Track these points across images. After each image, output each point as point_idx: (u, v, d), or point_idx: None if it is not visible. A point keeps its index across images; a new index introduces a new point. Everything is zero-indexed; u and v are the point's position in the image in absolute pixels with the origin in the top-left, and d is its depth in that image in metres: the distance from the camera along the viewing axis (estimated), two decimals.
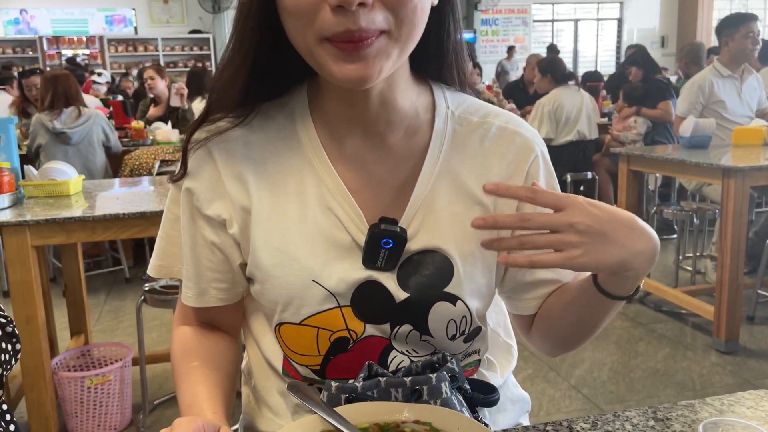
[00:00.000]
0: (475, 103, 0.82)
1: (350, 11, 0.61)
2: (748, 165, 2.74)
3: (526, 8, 12.69)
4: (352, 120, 0.76)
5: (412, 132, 0.78)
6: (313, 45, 0.65)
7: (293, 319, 0.76)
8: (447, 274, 0.76)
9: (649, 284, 3.50)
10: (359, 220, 0.75)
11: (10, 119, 2.41)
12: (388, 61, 0.66)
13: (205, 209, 0.77)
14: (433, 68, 0.80)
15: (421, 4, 0.66)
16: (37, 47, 10.40)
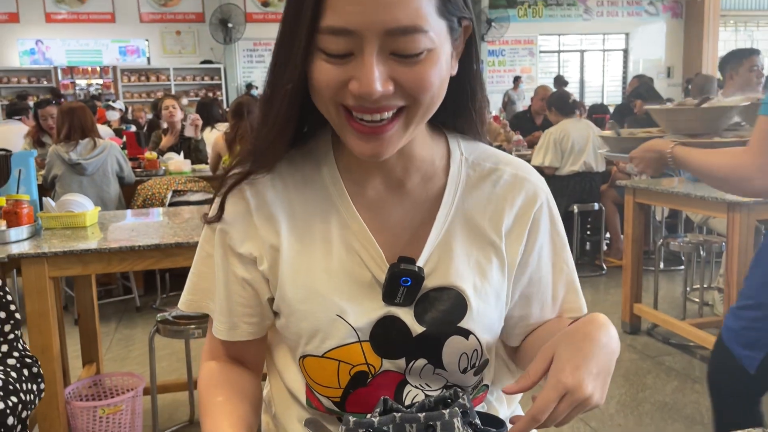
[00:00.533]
0: (488, 150, 0.88)
1: (369, 100, 0.68)
2: (753, 199, 2.77)
3: (533, 39, 12.87)
4: (373, 168, 0.82)
5: (429, 178, 0.83)
6: (335, 114, 0.72)
7: (316, 351, 0.80)
8: (461, 309, 0.80)
9: (657, 316, 3.51)
10: (380, 260, 0.80)
11: (30, 153, 2.48)
12: (403, 137, 0.73)
13: (237, 248, 0.82)
14: (450, 120, 0.85)
15: (439, 90, 0.71)
16: (52, 77, 10.61)
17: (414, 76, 0.68)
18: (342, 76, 0.68)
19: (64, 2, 10.84)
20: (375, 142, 0.71)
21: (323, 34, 0.67)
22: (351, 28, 0.65)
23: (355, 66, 0.67)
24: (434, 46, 0.68)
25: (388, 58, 0.67)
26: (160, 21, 11.25)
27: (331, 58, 0.68)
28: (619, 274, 3.92)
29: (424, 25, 0.67)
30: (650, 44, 13.36)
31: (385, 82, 0.67)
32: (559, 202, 5.25)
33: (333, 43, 0.67)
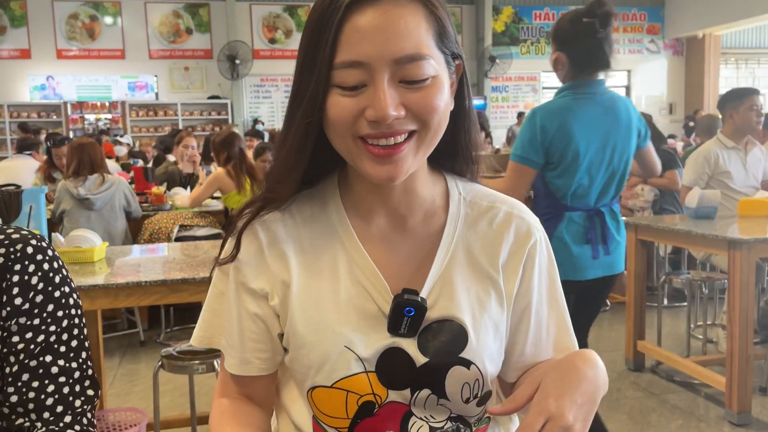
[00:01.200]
0: (484, 190, 0.94)
1: (385, 123, 0.75)
2: (753, 237, 2.79)
3: (536, 76, 13.04)
4: (378, 205, 0.87)
5: (430, 215, 0.89)
6: (350, 144, 0.78)
7: (325, 382, 0.83)
8: (462, 340, 0.84)
9: (661, 353, 3.51)
10: (385, 292, 0.84)
11: (41, 189, 2.53)
12: (415, 160, 0.80)
13: (250, 283, 0.86)
14: (448, 162, 0.92)
15: (444, 114, 0.80)
16: (62, 112, 10.78)
17: (422, 101, 0.76)
18: (357, 107, 0.76)
19: (75, 39, 11.08)
20: (390, 165, 0.77)
21: (338, 69, 0.75)
22: (363, 60, 0.74)
23: (369, 95, 0.75)
24: (437, 74, 0.77)
25: (398, 86, 0.76)
26: (169, 57, 11.47)
27: (347, 91, 0.76)
28: (623, 310, 3.92)
29: (427, 54, 0.76)
30: (652, 81, 13.53)
31: (398, 107, 0.75)
32: None
33: (348, 76, 0.75)
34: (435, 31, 0.78)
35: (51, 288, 0.93)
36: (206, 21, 11.53)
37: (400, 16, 0.75)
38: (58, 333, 0.93)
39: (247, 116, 11.72)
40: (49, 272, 0.94)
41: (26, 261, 0.92)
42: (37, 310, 0.91)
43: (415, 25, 0.76)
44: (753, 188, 3.83)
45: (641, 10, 13.22)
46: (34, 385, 0.90)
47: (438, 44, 0.78)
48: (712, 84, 13.09)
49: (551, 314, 0.92)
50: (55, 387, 0.92)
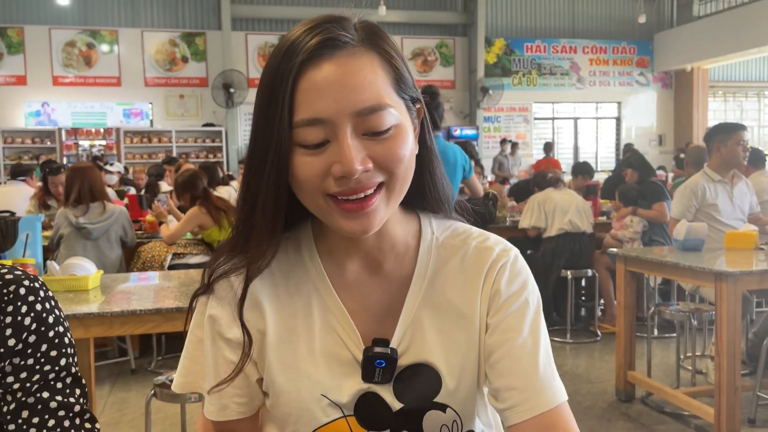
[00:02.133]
0: (459, 228, 0.92)
1: (353, 179, 0.74)
2: (739, 269, 2.84)
3: (527, 107, 13.22)
4: (352, 250, 0.86)
5: (401, 257, 0.88)
6: (321, 202, 0.77)
7: (305, 429, 0.84)
8: (436, 385, 0.84)
9: (651, 384, 3.53)
10: (357, 340, 0.84)
11: (37, 217, 2.56)
12: (386, 210, 0.79)
13: (226, 333, 0.85)
14: (419, 202, 0.90)
15: (410, 162, 0.79)
16: (56, 138, 10.81)
17: (387, 152, 0.75)
18: (323, 165, 0.74)
19: (72, 66, 11.17)
20: (363, 218, 0.76)
21: (298, 128, 0.74)
22: (323, 117, 0.73)
23: (333, 152, 0.74)
24: (399, 122, 0.77)
25: (362, 138, 0.75)
26: (165, 85, 11.57)
27: (310, 150, 0.75)
28: (613, 341, 3.95)
29: (387, 103, 0.75)
30: (642, 113, 13.74)
31: (364, 160, 0.74)
32: (551, 263, 5.34)
33: (309, 134, 0.74)
34: (393, 78, 0.78)
35: (44, 328, 0.93)
36: (202, 50, 11.67)
37: (357, 69, 0.74)
38: (55, 371, 0.94)
39: (241, 144, 11.79)
40: (42, 313, 0.94)
41: (19, 302, 0.92)
42: (31, 350, 0.92)
43: (373, 76, 0.75)
44: (740, 221, 3.89)
45: (631, 43, 13.48)
46: (34, 421, 0.91)
47: (397, 91, 0.78)
48: (701, 116, 13.30)
49: (534, 339, 0.84)
50: (55, 421, 0.92)
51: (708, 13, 12.64)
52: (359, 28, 0.79)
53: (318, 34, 0.75)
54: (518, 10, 13.06)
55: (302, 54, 0.74)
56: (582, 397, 3.69)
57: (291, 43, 0.76)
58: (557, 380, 0.83)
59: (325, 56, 0.74)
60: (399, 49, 0.82)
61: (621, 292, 3.60)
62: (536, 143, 13.14)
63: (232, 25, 11.49)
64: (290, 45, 0.76)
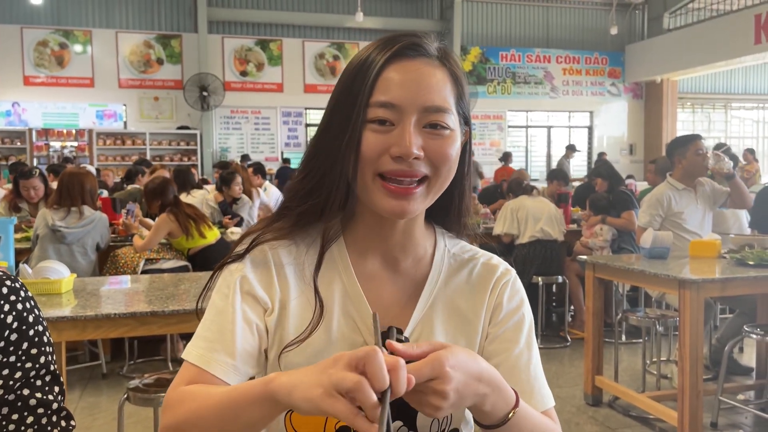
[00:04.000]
0: (466, 246, 1.04)
1: (406, 161, 0.85)
2: (702, 277, 2.94)
3: (502, 114, 13.37)
4: (377, 244, 0.96)
5: (418, 260, 0.99)
6: (369, 180, 0.87)
7: None
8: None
9: (617, 389, 3.61)
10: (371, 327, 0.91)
11: (9, 220, 2.55)
12: (424, 202, 0.90)
13: (256, 291, 0.91)
14: (440, 218, 1.01)
15: (454, 164, 0.90)
16: (26, 138, 10.64)
17: (439, 149, 0.87)
18: (385, 144, 0.85)
19: (43, 66, 11.01)
20: (403, 201, 0.87)
21: (372, 107, 0.86)
22: (396, 103, 0.85)
23: (396, 135, 0.85)
24: (454, 128, 0.89)
25: (422, 131, 0.86)
26: (139, 87, 11.46)
27: (377, 125, 0.86)
28: (582, 346, 4.03)
29: (449, 108, 0.88)
30: (613, 122, 13.98)
31: (419, 148, 0.85)
32: (524, 269, 5.41)
33: (381, 113, 0.86)
34: (456, 93, 0.90)
35: (25, 327, 0.96)
36: (178, 52, 11.59)
37: (431, 73, 0.87)
38: (36, 369, 0.96)
39: (216, 147, 11.74)
40: (23, 312, 0.97)
41: (2, 301, 0.95)
42: (13, 348, 0.95)
43: (444, 84, 0.88)
44: (705, 227, 4.00)
45: (603, 54, 13.73)
46: (13, 418, 0.94)
47: (457, 105, 0.90)
48: (670, 126, 13.59)
49: (530, 351, 0.96)
50: (34, 418, 0.95)
51: (678, 26, 12.93)
52: (439, 48, 0.92)
53: (409, 39, 0.89)
54: (494, 19, 13.22)
55: (392, 50, 0.87)
56: None
57: (384, 41, 0.90)
58: (546, 387, 0.95)
59: (409, 56, 0.88)
60: (465, 74, 0.94)
61: (589, 298, 3.69)
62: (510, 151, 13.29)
63: (208, 27, 11.45)
64: (383, 42, 0.90)
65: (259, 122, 12.02)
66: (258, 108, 11.95)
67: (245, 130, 11.96)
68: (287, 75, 12.04)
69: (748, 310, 3.92)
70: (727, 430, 3.36)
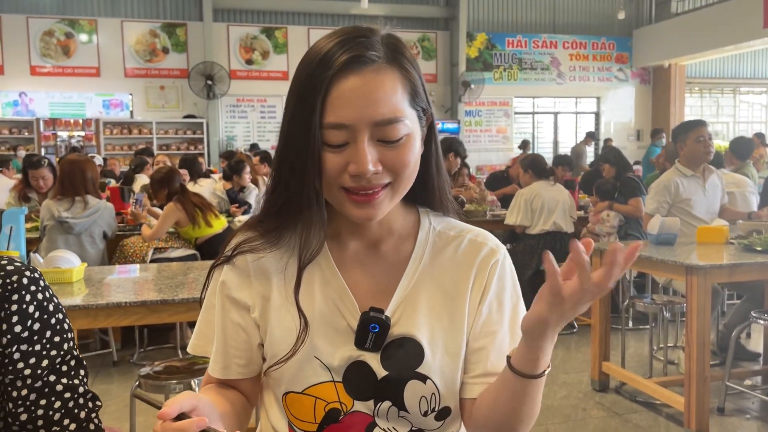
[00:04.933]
0: (453, 222, 1.04)
1: (364, 177, 0.86)
2: (709, 263, 2.94)
3: (508, 101, 13.31)
4: (356, 231, 0.98)
5: (401, 242, 1.00)
6: (336, 192, 0.89)
7: (297, 388, 0.94)
8: (419, 356, 0.93)
9: (624, 374, 3.63)
10: (354, 310, 0.94)
11: (21, 210, 2.58)
12: (390, 203, 0.91)
13: (234, 294, 0.97)
14: (420, 197, 1.02)
15: (415, 166, 0.91)
16: (34, 128, 10.68)
17: (396, 158, 0.87)
18: (342, 162, 0.86)
19: (50, 56, 11.03)
20: (369, 209, 0.88)
21: (326, 129, 0.86)
22: (347, 123, 0.85)
23: (351, 153, 0.86)
24: (410, 131, 0.88)
25: (376, 144, 0.86)
26: (145, 76, 11.47)
27: (333, 148, 0.86)
28: (589, 332, 4.05)
29: (402, 116, 0.87)
30: (620, 108, 13.90)
31: (375, 163, 0.86)
32: (530, 260, 5.40)
33: (334, 136, 0.86)
34: (409, 92, 0.89)
35: (47, 316, 1.00)
36: (183, 41, 11.58)
37: (380, 85, 0.86)
38: (61, 355, 1.00)
39: (223, 135, 11.75)
40: (43, 301, 1.00)
41: (23, 291, 0.98)
42: (37, 337, 0.98)
43: (393, 91, 0.87)
44: (713, 214, 4.00)
45: (610, 39, 13.62)
46: (42, 403, 0.98)
47: (411, 104, 0.89)
48: (678, 112, 13.50)
49: (513, 337, 0.98)
50: (61, 403, 0.99)
51: (686, 10, 12.81)
52: (385, 44, 0.89)
53: (348, 50, 0.86)
54: (500, 5, 13.13)
55: (334, 68, 0.85)
56: (558, 387, 3.78)
57: (324, 55, 0.86)
58: None
59: (353, 70, 0.85)
60: (416, 63, 0.93)
61: None
62: (516, 138, 13.25)
63: (213, 16, 11.42)
64: (323, 56, 0.86)
65: (265, 110, 12.02)
66: (264, 96, 11.95)
67: (251, 119, 11.97)
68: (293, 63, 12.00)
69: (755, 295, 3.92)
70: (734, 415, 3.37)
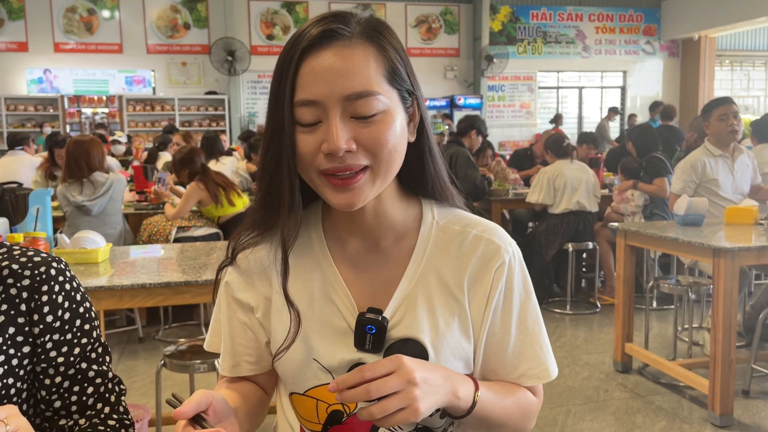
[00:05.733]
0: (459, 215, 0.98)
1: (338, 156, 0.81)
2: (737, 245, 2.88)
3: (532, 75, 13.10)
4: (353, 228, 0.94)
5: (401, 237, 0.95)
6: (314, 177, 0.86)
7: (299, 389, 0.94)
8: (422, 359, 0.88)
9: (648, 356, 3.60)
10: (353, 310, 0.91)
11: (47, 191, 2.60)
12: (372, 189, 0.86)
13: (238, 296, 0.97)
14: (421, 189, 0.97)
15: (395, 146, 0.85)
16: (59, 105, 10.79)
17: (371, 136, 0.82)
18: (315, 142, 0.83)
19: (73, 33, 11.08)
20: (348, 193, 0.84)
21: (297, 107, 0.83)
22: (317, 99, 0.82)
23: (324, 131, 0.82)
24: (387, 108, 0.83)
25: (349, 121, 0.82)
26: (167, 52, 11.48)
27: (305, 127, 0.83)
28: (612, 312, 4.01)
29: (375, 90, 0.82)
30: (647, 82, 13.61)
31: (348, 141, 0.81)
32: (554, 240, 5.34)
33: (305, 113, 0.83)
34: (385, 69, 0.84)
35: (75, 305, 1.02)
36: (204, 16, 11.54)
37: (349, 57, 0.82)
38: (91, 343, 1.04)
39: (244, 112, 11.76)
40: (71, 291, 1.02)
41: (51, 282, 1.00)
42: (68, 326, 1.01)
43: (365, 64, 0.82)
44: (741, 195, 3.91)
45: (638, 11, 13.30)
46: (75, 390, 1.01)
47: (389, 81, 0.84)
48: (707, 86, 13.18)
49: (518, 338, 0.94)
50: (93, 389, 1.03)
51: None
52: (361, 23, 0.86)
53: (321, 26, 0.83)
54: None
55: (304, 42, 0.83)
56: (580, 368, 3.77)
57: (299, 34, 0.85)
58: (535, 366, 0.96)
59: (323, 45, 0.82)
60: (400, 44, 0.88)
61: (621, 265, 3.65)
62: (541, 113, 13.08)
63: None
64: (298, 35, 0.85)
65: None
66: None
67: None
68: None
69: None
70: (759, 398, 3.33)
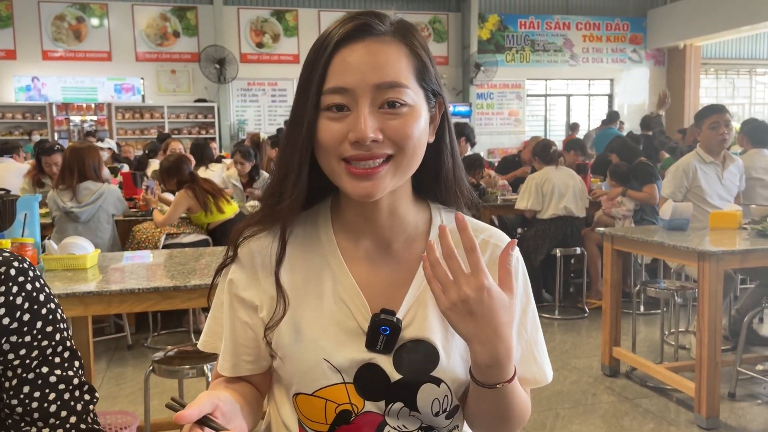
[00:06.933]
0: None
1: (364, 145, 0.84)
2: (721, 249, 2.92)
3: (520, 83, 13.20)
4: (365, 228, 0.95)
5: (412, 240, 0.96)
6: (335, 165, 0.87)
7: (307, 390, 0.92)
8: (434, 360, 0.91)
9: (635, 360, 3.63)
10: (365, 311, 0.91)
11: (35, 197, 2.60)
12: (391, 181, 0.88)
13: (241, 294, 0.95)
14: (432, 192, 0.99)
15: (419, 142, 0.88)
16: (47, 113, 10.73)
17: (398, 127, 0.85)
18: (342, 130, 0.84)
19: (61, 40, 11.05)
20: (368, 182, 0.85)
21: (326, 94, 0.85)
22: (348, 87, 0.84)
23: (352, 119, 0.84)
24: (414, 104, 0.86)
25: (378, 112, 0.84)
26: (156, 60, 11.47)
27: (333, 113, 0.85)
28: (600, 317, 4.04)
29: (405, 84, 0.86)
30: (634, 90, 13.73)
31: (376, 131, 0.83)
32: (542, 245, 5.38)
33: (334, 99, 0.85)
34: (415, 67, 0.88)
35: (36, 306, 0.98)
36: (194, 24, 11.55)
37: (383, 51, 0.86)
38: (52, 346, 0.99)
39: (234, 119, 11.76)
40: (32, 292, 0.98)
41: (9, 282, 0.96)
42: (27, 328, 0.96)
43: (396, 59, 0.86)
44: (728, 202, 3.96)
45: (624, 20, 13.44)
46: (35, 395, 0.96)
47: (418, 79, 0.88)
48: (693, 94, 13.32)
49: (519, 341, 0.95)
50: (56, 395, 0.97)
51: None
52: (394, 23, 0.89)
53: (355, 21, 0.87)
54: None
55: (339, 35, 0.86)
56: (569, 372, 3.79)
57: (332, 28, 0.88)
58: (529, 370, 0.98)
59: (357, 38, 0.86)
60: (428, 48, 0.92)
61: (608, 269, 3.68)
62: (529, 120, 13.17)
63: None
64: (331, 29, 0.88)
65: (276, 94, 12.00)
66: (274, 80, 11.92)
67: (262, 102, 11.96)
68: (303, 46, 11.95)
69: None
70: (744, 400, 3.37)
